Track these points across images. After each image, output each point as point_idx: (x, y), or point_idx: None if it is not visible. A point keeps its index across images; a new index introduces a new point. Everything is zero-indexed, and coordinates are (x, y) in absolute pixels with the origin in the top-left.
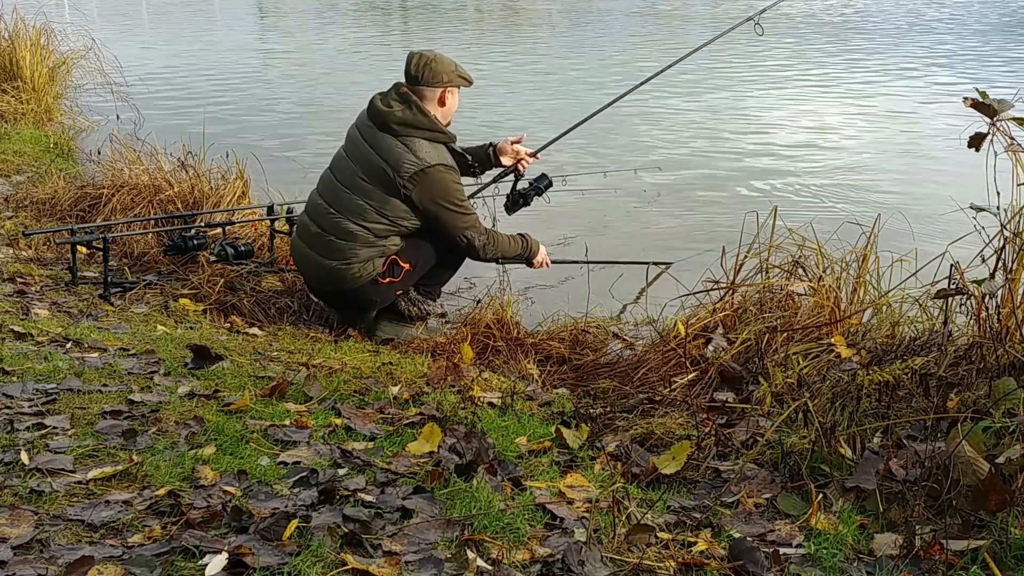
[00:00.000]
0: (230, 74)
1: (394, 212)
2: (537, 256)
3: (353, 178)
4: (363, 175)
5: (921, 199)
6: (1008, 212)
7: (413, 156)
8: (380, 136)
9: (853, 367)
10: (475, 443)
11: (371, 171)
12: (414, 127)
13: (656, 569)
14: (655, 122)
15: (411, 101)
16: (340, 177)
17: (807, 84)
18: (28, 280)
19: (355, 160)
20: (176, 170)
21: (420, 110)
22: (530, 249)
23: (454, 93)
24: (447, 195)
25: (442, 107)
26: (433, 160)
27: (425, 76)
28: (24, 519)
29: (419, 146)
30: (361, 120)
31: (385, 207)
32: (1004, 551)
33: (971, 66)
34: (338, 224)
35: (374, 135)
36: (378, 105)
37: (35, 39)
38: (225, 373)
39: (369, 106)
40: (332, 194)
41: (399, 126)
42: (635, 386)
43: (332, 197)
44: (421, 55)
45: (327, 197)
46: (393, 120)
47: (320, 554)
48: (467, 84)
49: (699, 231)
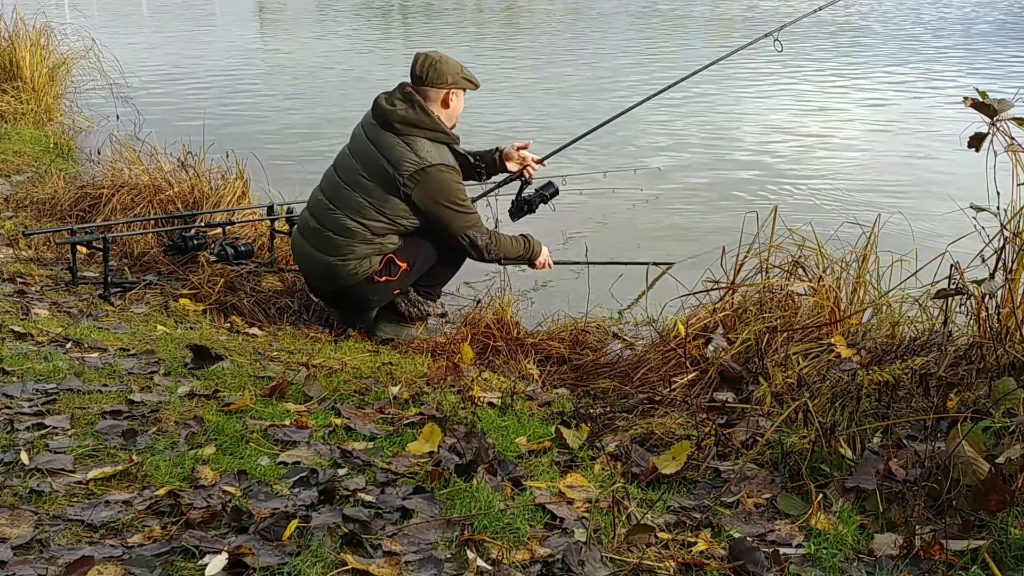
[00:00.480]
0: (230, 74)
1: (393, 210)
2: (539, 257)
3: (355, 175)
4: (365, 173)
5: (921, 199)
6: (1008, 212)
7: (414, 155)
8: (383, 134)
9: (853, 367)
10: (475, 443)
11: (373, 169)
12: (417, 126)
13: (656, 569)
14: (655, 122)
15: (415, 100)
16: (342, 174)
17: (807, 84)
18: (28, 280)
19: (358, 158)
20: (176, 170)
21: (423, 110)
22: (532, 250)
23: (459, 95)
24: (447, 194)
25: (446, 109)
26: (434, 159)
27: (430, 77)
28: (24, 519)
29: (421, 145)
30: (366, 119)
31: (384, 205)
32: (1004, 551)
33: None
34: (337, 220)
35: (377, 133)
36: (382, 104)
37: (35, 39)
38: (225, 373)
39: (374, 105)
40: (334, 191)
41: (402, 124)
42: (635, 386)
43: (333, 194)
44: (427, 56)
45: (328, 193)
46: (396, 119)
47: (320, 554)
48: (473, 87)
49: (699, 231)
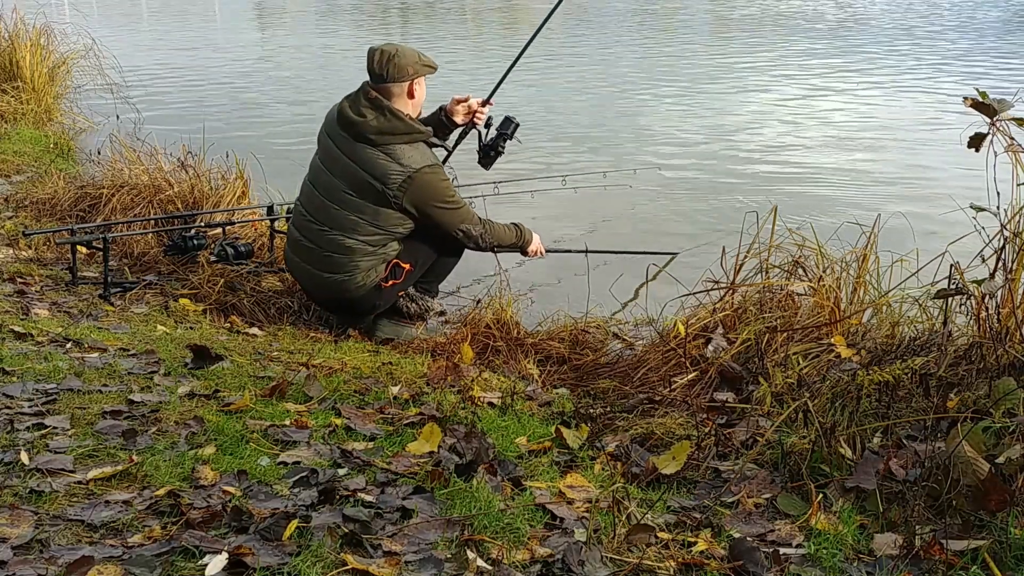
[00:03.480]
0: (230, 74)
1: (387, 221)
2: (532, 244)
3: (339, 194)
4: (349, 190)
5: (921, 199)
6: (1008, 212)
7: (397, 165)
8: (358, 147)
9: (853, 367)
10: (475, 443)
11: (357, 186)
12: (391, 134)
13: (656, 569)
14: (655, 122)
15: (383, 107)
16: (324, 192)
17: (807, 84)
18: (28, 280)
19: (336, 174)
20: (176, 170)
21: (394, 114)
22: (524, 237)
23: (421, 84)
24: (438, 195)
25: (411, 99)
26: (417, 163)
27: (390, 73)
28: (24, 519)
29: (401, 152)
30: (332, 128)
31: (377, 218)
32: (1004, 551)
33: (971, 66)
34: (334, 240)
35: (352, 147)
36: (349, 115)
37: (35, 39)
38: (225, 373)
39: (339, 115)
40: (321, 211)
41: (376, 135)
42: (635, 386)
43: (321, 213)
44: (382, 51)
45: (315, 214)
46: (369, 130)
47: (320, 554)
48: (432, 71)
49: (699, 231)
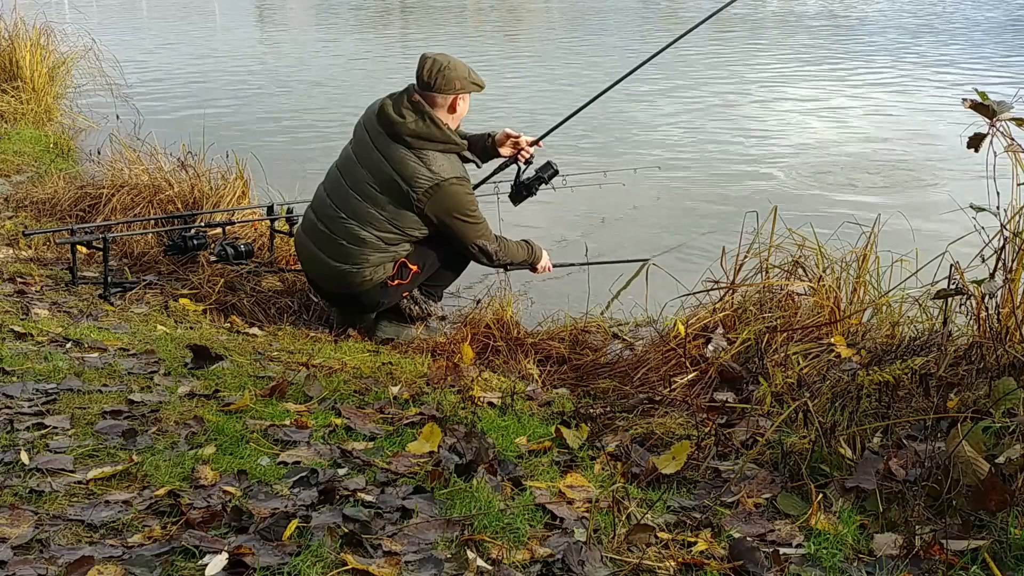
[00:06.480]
0: (230, 74)
1: (404, 222)
2: (541, 261)
3: (363, 185)
4: (374, 184)
5: (921, 199)
6: (1008, 212)
7: (427, 170)
8: (392, 146)
9: (853, 367)
10: (475, 443)
11: (382, 181)
12: (428, 139)
13: (656, 569)
14: (655, 122)
15: (424, 112)
16: (349, 181)
17: (808, 84)
18: (28, 280)
19: (365, 166)
20: (176, 170)
21: (433, 122)
22: (535, 255)
23: (465, 100)
24: (461, 208)
25: (452, 113)
26: (447, 174)
27: (438, 83)
28: (24, 519)
29: (432, 159)
30: (370, 123)
31: (396, 218)
32: (1004, 551)
33: (971, 66)
34: (349, 229)
35: (386, 144)
36: (390, 114)
37: (35, 39)
38: (225, 373)
39: (380, 111)
40: (342, 198)
41: (412, 138)
42: (635, 386)
43: (343, 201)
44: (435, 60)
45: (336, 200)
46: (406, 132)
47: (320, 554)
48: (479, 90)
49: (699, 231)
